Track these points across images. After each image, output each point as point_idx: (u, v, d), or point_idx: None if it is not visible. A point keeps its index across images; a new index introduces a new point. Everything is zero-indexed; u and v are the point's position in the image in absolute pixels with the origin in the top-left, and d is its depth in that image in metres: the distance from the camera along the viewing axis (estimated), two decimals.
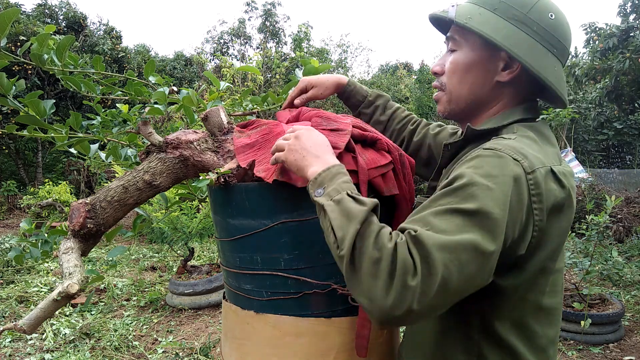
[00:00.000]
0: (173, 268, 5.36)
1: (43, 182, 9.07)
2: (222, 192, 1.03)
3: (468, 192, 0.67)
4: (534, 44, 0.82)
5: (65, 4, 11.80)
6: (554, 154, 0.81)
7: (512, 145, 0.73)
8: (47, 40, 1.12)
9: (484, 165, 0.70)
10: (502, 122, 0.86)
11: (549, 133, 0.86)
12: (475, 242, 0.63)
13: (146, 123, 1.08)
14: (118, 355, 3.18)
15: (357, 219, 0.69)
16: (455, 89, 0.90)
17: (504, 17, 0.83)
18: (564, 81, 0.86)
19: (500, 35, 0.81)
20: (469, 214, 0.65)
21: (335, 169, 0.81)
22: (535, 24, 0.82)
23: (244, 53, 13.75)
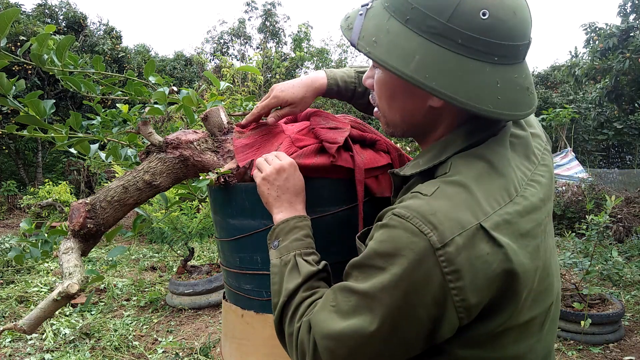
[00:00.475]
0: (173, 268, 5.36)
1: (43, 182, 9.07)
2: (222, 192, 1.03)
3: (365, 270, 0.62)
4: (459, 63, 0.62)
5: (65, 4, 11.80)
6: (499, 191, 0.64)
7: (422, 211, 0.60)
8: (47, 40, 1.12)
9: (386, 239, 0.61)
10: (437, 158, 0.69)
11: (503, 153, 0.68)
12: (361, 329, 0.60)
13: (146, 123, 1.08)
14: (118, 355, 3.18)
15: (286, 292, 0.75)
16: (388, 115, 0.77)
17: (417, 32, 0.63)
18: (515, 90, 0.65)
19: (411, 64, 0.62)
20: (361, 295, 0.61)
21: (293, 223, 0.82)
22: (461, 34, 0.61)
23: (244, 53, 13.76)
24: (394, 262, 0.59)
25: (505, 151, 0.68)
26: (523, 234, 0.63)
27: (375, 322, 0.59)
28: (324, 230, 0.97)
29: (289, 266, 0.77)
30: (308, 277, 0.75)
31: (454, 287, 0.58)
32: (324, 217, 0.97)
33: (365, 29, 0.67)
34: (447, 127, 0.73)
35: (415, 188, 0.66)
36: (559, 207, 6.42)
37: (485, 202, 0.62)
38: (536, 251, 0.65)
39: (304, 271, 0.76)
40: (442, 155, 0.69)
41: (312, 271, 0.76)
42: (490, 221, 0.60)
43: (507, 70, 0.64)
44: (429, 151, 0.72)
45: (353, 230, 0.98)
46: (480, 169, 0.65)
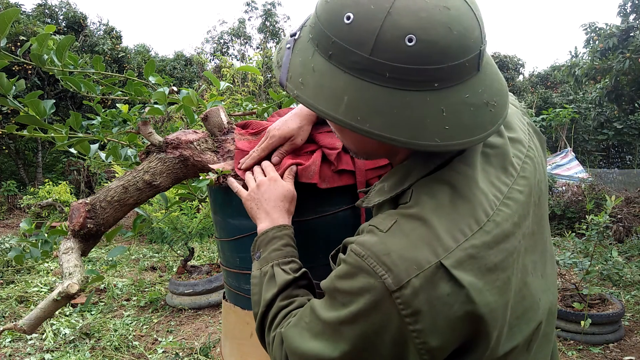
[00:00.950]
0: (173, 268, 5.36)
1: (43, 182, 9.07)
2: (222, 192, 1.03)
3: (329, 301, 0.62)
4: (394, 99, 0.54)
5: (65, 4, 11.80)
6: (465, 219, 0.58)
7: (375, 251, 0.56)
8: (47, 40, 1.12)
9: (344, 276, 0.59)
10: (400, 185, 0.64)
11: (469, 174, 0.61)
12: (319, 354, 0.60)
13: (146, 123, 1.08)
14: (118, 355, 3.18)
15: (264, 303, 0.76)
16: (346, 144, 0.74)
17: (342, 68, 0.56)
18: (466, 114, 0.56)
19: (341, 107, 0.55)
20: (323, 323, 0.61)
21: (272, 234, 0.84)
22: (388, 67, 0.53)
23: (244, 53, 13.76)
24: (352, 300, 0.57)
25: (472, 171, 0.61)
26: (491, 269, 0.57)
27: (335, 352, 0.59)
28: (324, 230, 0.97)
29: (267, 276, 0.79)
30: (284, 286, 0.77)
31: (413, 330, 0.55)
32: (324, 217, 0.97)
33: (293, 66, 0.61)
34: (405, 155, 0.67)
35: (373, 220, 0.62)
36: (559, 207, 6.43)
37: (447, 236, 0.56)
38: (506, 284, 0.59)
39: (280, 280, 0.77)
40: (404, 182, 0.63)
41: (287, 280, 0.77)
42: (452, 258, 0.55)
43: (455, 93, 0.55)
44: (393, 174, 0.66)
45: (353, 230, 0.98)
46: (443, 197, 0.59)
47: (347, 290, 0.58)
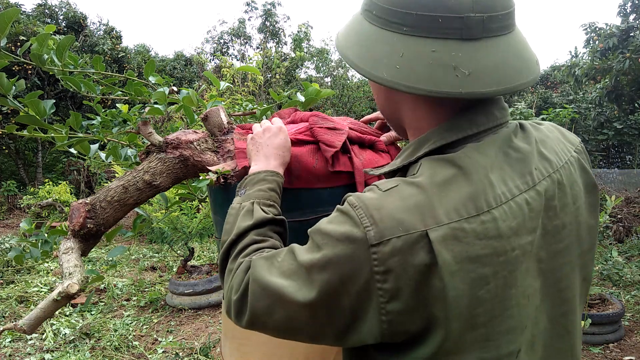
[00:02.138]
0: (173, 268, 5.36)
1: (43, 182, 9.07)
2: (222, 192, 1.03)
3: (309, 244, 0.63)
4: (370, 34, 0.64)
5: (65, 4, 11.80)
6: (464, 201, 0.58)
7: (368, 204, 0.58)
8: (47, 40, 1.12)
9: (333, 221, 0.61)
10: (411, 157, 0.66)
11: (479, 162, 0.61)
12: (282, 290, 0.61)
13: (146, 123, 1.08)
14: (118, 355, 3.18)
15: (237, 231, 0.77)
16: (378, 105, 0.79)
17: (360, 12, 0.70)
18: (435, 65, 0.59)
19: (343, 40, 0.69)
20: (298, 264, 0.62)
21: (263, 175, 0.86)
22: (375, 6, 0.63)
23: (244, 53, 13.76)
24: (331, 244, 0.58)
25: (484, 159, 0.61)
26: (471, 258, 0.57)
27: (300, 292, 0.60)
28: None
29: (244, 210, 0.80)
30: (260, 223, 0.78)
31: (380, 288, 0.56)
32: (324, 217, 0.97)
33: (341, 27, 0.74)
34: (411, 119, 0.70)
35: (377, 182, 0.64)
36: None
37: (441, 210, 0.57)
38: (482, 280, 0.57)
39: (257, 216, 0.78)
40: (414, 155, 0.66)
41: (265, 218, 0.78)
42: (438, 232, 0.55)
43: (420, 42, 0.59)
44: (406, 149, 0.70)
45: None
46: (449, 175, 0.60)
47: (329, 233, 0.60)
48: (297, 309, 0.60)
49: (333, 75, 11.17)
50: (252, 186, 0.85)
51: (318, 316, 0.60)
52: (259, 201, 0.81)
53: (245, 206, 0.81)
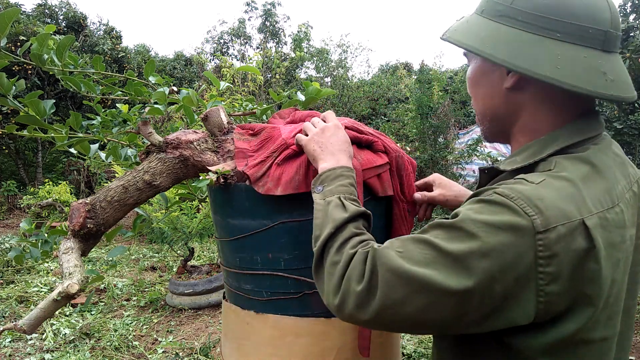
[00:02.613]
0: (173, 268, 5.36)
1: (43, 182, 9.06)
2: (222, 192, 1.03)
3: (454, 233, 0.63)
4: (518, 36, 0.69)
5: (65, 4, 11.79)
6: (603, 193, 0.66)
7: (528, 195, 0.61)
8: (47, 40, 1.12)
9: (485, 211, 0.62)
10: (539, 154, 0.71)
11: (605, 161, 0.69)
12: (431, 280, 0.60)
13: (146, 123, 1.08)
14: (118, 355, 3.18)
15: (334, 224, 0.75)
16: (475, 107, 0.83)
17: (488, 18, 0.73)
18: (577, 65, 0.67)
19: (478, 39, 0.71)
20: (442, 253, 0.62)
21: (340, 171, 0.85)
22: (521, 13, 0.69)
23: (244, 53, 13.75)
24: (491, 233, 0.60)
25: (608, 159, 0.70)
26: (612, 244, 0.64)
27: (450, 281, 0.60)
28: None
29: (333, 204, 0.79)
30: (355, 215, 0.77)
31: (542, 272, 0.60)
32: None
33: (452, 26, 0.79)
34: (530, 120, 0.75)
35: (520, 176, 0.67)
36: None
37: (589, 201, 0.63)
38: (616, 265, 0.65)
39: (351, 209, 0.77)
40: (542, 152, 0.71)
41: (358, 210, 0.78)
42: (592, 220, 0.62)
43: (573, 48, 0.67)
44: (526, 149, 0.74)
45: None
46: (585, 170, 0.67)
47: (487, 222, 0.61)
48: (444, 296, 0.60)
49: (333, 75, 11.16)
50: (331, 182, 0.84)
51: (466, 303, 0.61)
52: (345, 196, 0.81)
53: (332, 200, 0.80)
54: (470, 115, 13.24)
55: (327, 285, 0.71)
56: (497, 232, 0.60)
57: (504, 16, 0.71)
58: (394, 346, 1.10)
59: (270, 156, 0.99)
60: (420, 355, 3.06)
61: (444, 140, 7.08)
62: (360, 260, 0.68)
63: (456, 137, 7.56)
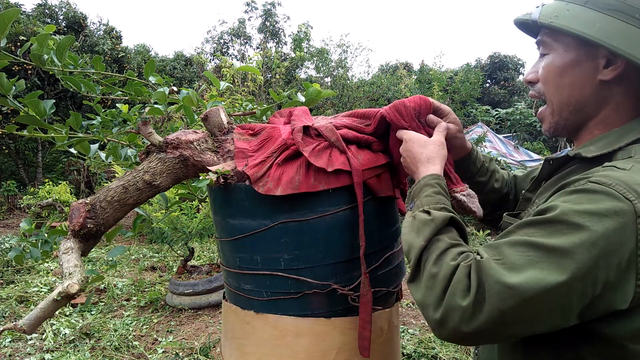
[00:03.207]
0: (173, 268, 5.36)
1: (43, 182, 9.06)
2: (222, 192, 1.03)
3: (555, 227, 0.62)
4: (636, 33, 0.70)
5: (65, 4, 11.79)
6: None
7: (625, 180, 0.63)
8: (47, 40, 1.12)
9: (585, 201, 0.62)
10: (617, 143, 0.74)
11: None
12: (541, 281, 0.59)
13: (146, 123, 1.08)
14: (118, 355, 3.18)
15: (424, 236, 0.74)
16: (554, 97, 0.81)
17: (596, 9, 0.73)
18: None
19: (594, 29, 0.72)
20: (547, 250, 0.61)
21: (424, 181, 0.86)
22: (637, 10, 0.71)
23: (244, 53, 13.75)
24: (597, 221, 0.60)
25: None
26: None
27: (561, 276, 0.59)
28: (324, 230, 0.97)
29: (421, 218, 0.78)
30: (443, 224, 0.76)
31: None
32: (324, 217, 0.97)
33: (545, 10, 0.78)
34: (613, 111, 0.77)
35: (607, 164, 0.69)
36: None
37: None
38: None
39: (438, 217, 0.76)
40: (621, 141, 0.73)
41: (445, 216, 0.76)
42: None
43: None
44: (601, 139, 0.76)
45: (353, 230, 0.98)
46: None
47: (593, 212, 0.61)
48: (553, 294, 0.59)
49: (333, 75, 11.16)
50: (418, 196, 0.84)
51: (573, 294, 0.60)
52: (430, 206, 0.80)
53: (420, 215, 0.79)
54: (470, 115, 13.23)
55: (427, 298, 0.69)
56: (603, 220, 0.60)
57: (617, 11, 0.72)
58: (394, 346, 1.10)
59: (271, 156, 0.99)
60: (420, 355, 3.06)
61: None
62: (465, 274, 0.65)
63: None
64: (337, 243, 0.98)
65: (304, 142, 0.98)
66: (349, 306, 0.99)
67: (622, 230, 0.60)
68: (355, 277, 0.99)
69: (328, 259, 0.98)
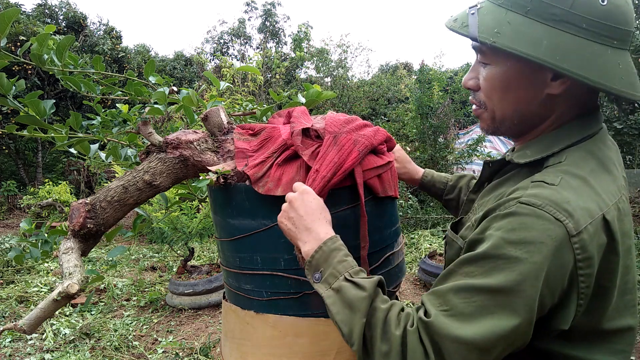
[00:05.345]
0: (173, 268, 5.36)
1: (43, 182, 9.06)
2: (222, 192, 1.03)
3: (493, 264, 0.59)
4: (585, 46, 0.65)
5: (65, 4, 11.79)
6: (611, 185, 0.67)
7: (554, 199, 0.61)
8: (47, 40, 1.12)
9: (518, 228, 0.59)
10: (550, 149, 0.72)
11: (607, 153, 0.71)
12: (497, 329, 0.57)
13: (146, 123, 1.08)
14: (118, 355, 3.18)
15: (361, 311, 0.67)
16: (498, 109, 0.77)
17: (540, 20, 0.67)
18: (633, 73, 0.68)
19: (541, 49, 0.65)
20: (491, 292, 0.58)
21: (328, 246, 0.77)
22: (584, 20, 0.65)
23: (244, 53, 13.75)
24: (533, 250, 0.58)
25: (609, 151, 0.72)
26: (625, 232, 0.66)
27: (516, 318, 0.57)
28: None
29: (346, 289, 0.71)
30: (374, 290, 0.70)
31: (582, 274, 0.60)
32: None
33: (483, 23, 0.70)
34: (558, 118, 0.75)
35: (536, 177, 0.67)
36: None
37: (604, 195, 0.65)
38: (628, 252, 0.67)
39: (368, 286, 0.69)
40: (555, 147, 0.72)
41: (374, 282, 0.71)
42: (610, 213, 0.64)
43: (624, 54, 0.68)
44: (538, 142, 0.75)
45: (354, 230, 0.98)
46: (593, 165, 0.68)
47: (527, 240, 0.59)
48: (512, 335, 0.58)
49: (333, 75, 11.16)
50: (326, 263, 0.75)
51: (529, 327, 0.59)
52: (349, 273, 0.73)
53: (342, 286, 0.71)
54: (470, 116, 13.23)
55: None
56: (539, 247, 0.58)
57: (564, 22, 0.66)
58: None
59: (271, 156, 0.99)
60: None
61: (444, 140, 7.08)
62: (416, 341, 0.62)
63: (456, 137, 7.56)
64: None
65: (303, 146, 0.97)
66: None
67: (559, 254, 0.59)
68: None
69: None
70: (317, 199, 0.84)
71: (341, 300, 0.70)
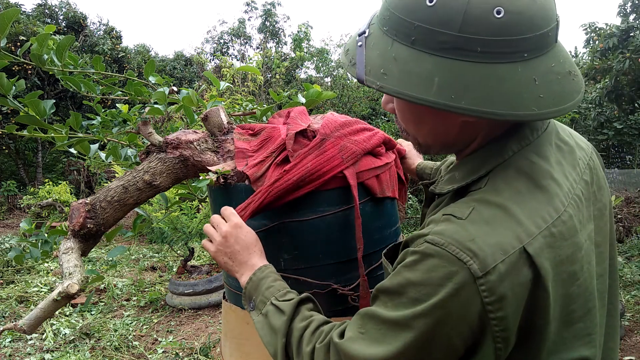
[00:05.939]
0: (173, 268, 5.36)
1: (43, 182, 9.06)
2: (222, 192, 1.03)
3: (399, 300, 0.58)
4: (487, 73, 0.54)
5: (65, 4, 11.80)
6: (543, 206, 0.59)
7: (458, 238, 0.55)
8: (47, 40, 1.12)
9: (420, 268, 0.56)
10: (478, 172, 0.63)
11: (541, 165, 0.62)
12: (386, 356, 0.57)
13: (146, 123, 1.08)
14: (118, 355, 3.18)
15: (280, 332, 0.72)
16: (418, 136, 0.70)
17: (428, 52, 0.55)
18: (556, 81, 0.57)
19: (433, 89, 0.55)
20: (391, 324, 0.58)
21: (257, 276, 0.82)
22: (478, 42, 0.53)
23: (244, 53, 13.75)
24: (430, 293, 0.55)
25: (545, 162, 0.62)
26: (562, 261, 0.58)
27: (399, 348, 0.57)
28: (324, 230, 0.97)
29: (271, 313, 0.76)
30: (294, 312, 0.74)
31: (494, 318, 0.54)
32: (324, 217, 0.97)
33: (370, 60, 0.60)
34: (483, 139, 0.66)
35: (448, 209, 0.61)
36: None
37: (528, 221, 0.56)
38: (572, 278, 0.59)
39: (287, 308, 0.75)
40: (481, 170, 0.63)
41: (294, 304, 0.75)
42: (534, 244, 0.55)
43: (542, 62, 0.56)
44: (465, 164, 0.66)
45: (353, 230, 0.98)
46: (520, 185, 0.59)
47: (425, 283, 0.55)
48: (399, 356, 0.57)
49: (333, 75, 11.16)
50: (256, 291, 0.81)
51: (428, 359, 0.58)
52: (275, 296, 0.78)
53: (269, 310, 0.77)
54: None
55: None
56: (437, 289, 0.54)
57: (455, 49, 0.54)
58: None
59: (270, 156, 0.99)
60: None
61: None
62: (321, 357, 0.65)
63: None
64: (337, 243, 0.98)
65: (293, 152, 0.97)
66: (349, 306, 0.99)
67: (459, 297, 0.54)
68: (355, 277, 0.99)
69: (328, 259, 0.98)
70: (250, 232, 0.87)
71: (267, 324, 0.76)
